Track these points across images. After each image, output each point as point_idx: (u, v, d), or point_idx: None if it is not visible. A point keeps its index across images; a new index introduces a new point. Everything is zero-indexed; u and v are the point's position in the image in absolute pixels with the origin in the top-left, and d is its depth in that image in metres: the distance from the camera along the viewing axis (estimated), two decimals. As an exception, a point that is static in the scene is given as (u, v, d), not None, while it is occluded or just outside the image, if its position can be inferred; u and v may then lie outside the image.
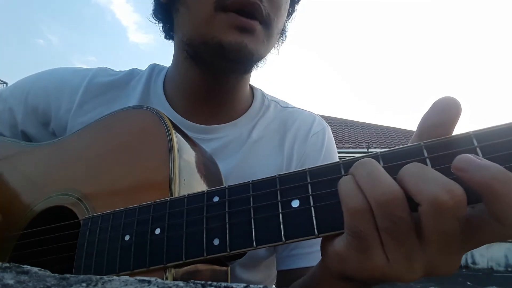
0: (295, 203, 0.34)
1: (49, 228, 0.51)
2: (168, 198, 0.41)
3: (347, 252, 0.31)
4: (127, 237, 0.42)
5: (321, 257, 0.36)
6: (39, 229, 0.51)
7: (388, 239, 0.30)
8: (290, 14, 0.69)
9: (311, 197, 0.34)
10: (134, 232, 0.42)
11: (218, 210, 0.38)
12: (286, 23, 0.69)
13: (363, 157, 0.33)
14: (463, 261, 9.95)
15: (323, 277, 0.41)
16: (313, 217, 0.33)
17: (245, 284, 0.26)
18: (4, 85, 9.80)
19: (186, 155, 0.47)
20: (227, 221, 0.37)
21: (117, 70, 0.73)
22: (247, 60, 0.58)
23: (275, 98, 0.76)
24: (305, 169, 0.36)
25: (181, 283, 0.26)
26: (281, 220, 0.34)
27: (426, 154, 0.31)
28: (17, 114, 0.68)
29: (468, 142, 0.30)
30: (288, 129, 0.70)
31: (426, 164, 0.31)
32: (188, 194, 0.41)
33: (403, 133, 13.04)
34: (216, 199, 0.39)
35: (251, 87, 0.75)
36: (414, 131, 0.36)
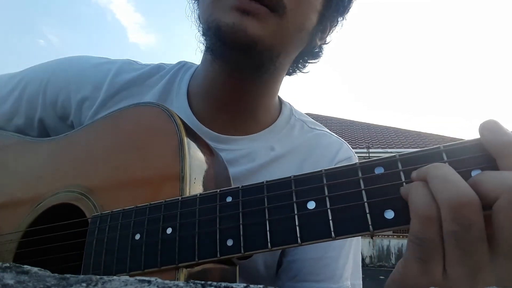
0: (311, 205, 0.34)
1: (55, 226, 0.50)
2: (180, 198, 0.41)
3: (408, 261, 0.30)
4: (137, 236, 0.41)
5: None
6: (45, 227, 0.51)
7: (452, 249, 0.28)
8: (329, 23, 0.63)
9: (327, 198, 0.33)
10: (144, 231, 0.41)
11: (232, 210, 0.37)
12: (325, 33, 0.63)
13: (377, 158, 0.33)
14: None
15: None
16: (330, 219, 0.33)
17: (245, 284, 0.26)
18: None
19: (196, 154, 0.46)
20: (241, 222, 0.36)
21: (143, 63, 0.70)
22: (249, 48, 0.52)
23: (304, 117, 0.71)
24: (321, 170, 0.35)
25: (181, 283, 0.26)
26: (296, 222, 0.34)
27: (445, 158, 0.31)
28: (35, 105, 0.66)
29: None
30: (311, 153, 0.65)
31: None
32: (200, 194, 0.40)
33: (403, 133, 13.04)
34: (229, 199, 0.38)
35: (280, 101, 0.70)
36: (414, 131, 0.35)
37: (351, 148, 0.69)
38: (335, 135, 0.70)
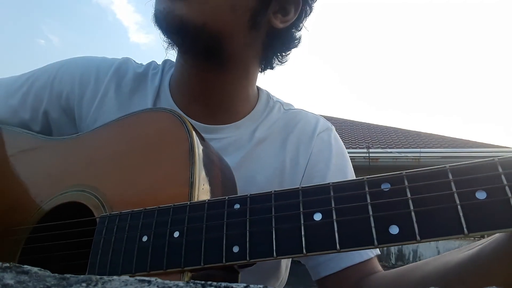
0: (318, 216, 0.35)
1: (62, 223, 0.51)
2: (188, 202, 0.42)
3: None
4: (144, 238, 0.42)
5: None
6: (53, 224, 0.51)
7: None
8: (288, 4, 0.62)
9: (334, 210, 0.34)
10: (152, 233, 0.42)
11: (239, 217, 0.38)
12: (287, 14, 0.62)
13: (384, 174, 0.34)
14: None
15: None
16: (336, 231, 0.33)
17: (245, 284, 0.27)
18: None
19: (205, 161, 0.47)
20: (247, 229, 0.37)
21: (139, 63, 0.75)
22: (181, 29, 0.55)
23: (280, 99, 0.75)
24: (328, 183, 0.36)
25: (181, 283, 0.26)
26: (302, 232, 0.34)
27: (451, 177, 0.32)
28: (42, 98, 0.70)
29: (493, 168, 0.31)
30: (291, 130, 0.69)
31: (451, 187, 0.31)
32: (208, 200, 0.41)
33: (403, 133, 13.02)
34: (237, 206, 0.39)
35: (258, 89, 0.74)
36: (414, 131, 0.36)
37: (327, 121, 0.74)
38: (311, 112, 0.75)
